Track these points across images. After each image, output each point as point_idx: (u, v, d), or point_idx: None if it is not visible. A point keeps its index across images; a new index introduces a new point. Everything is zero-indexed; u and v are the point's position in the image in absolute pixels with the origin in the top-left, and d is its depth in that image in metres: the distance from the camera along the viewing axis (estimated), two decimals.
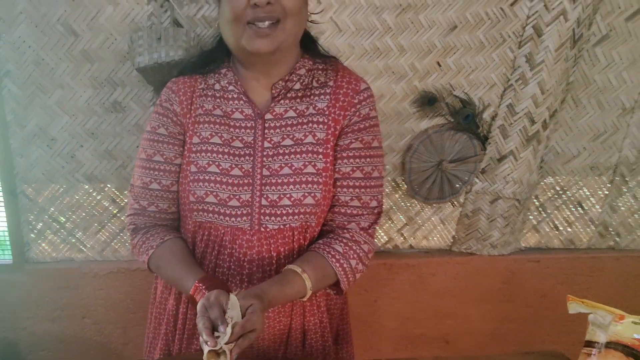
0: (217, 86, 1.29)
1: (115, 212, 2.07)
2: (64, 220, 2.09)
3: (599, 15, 1.87)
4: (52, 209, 2.06)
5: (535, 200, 2.23)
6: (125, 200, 2.04)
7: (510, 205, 2.13)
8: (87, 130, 1.92)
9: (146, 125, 1.34)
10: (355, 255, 1.28)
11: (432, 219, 2.23)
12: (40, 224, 2.08)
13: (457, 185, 2.13)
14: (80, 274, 2.13)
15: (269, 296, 1.11)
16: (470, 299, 2.32)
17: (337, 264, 1.25)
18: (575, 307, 1.15)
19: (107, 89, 1.86)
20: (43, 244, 2.12)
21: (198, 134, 1.27)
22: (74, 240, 2.12)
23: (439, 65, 1.91)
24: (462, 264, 2.28)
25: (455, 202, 2.20)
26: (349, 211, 1.30)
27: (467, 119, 1.99)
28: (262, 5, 1.11)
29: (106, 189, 2.04)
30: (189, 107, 1.28)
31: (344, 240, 1.28)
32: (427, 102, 1.96)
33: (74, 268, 2.13)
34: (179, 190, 1.31)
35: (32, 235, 2.09)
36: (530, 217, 2.27)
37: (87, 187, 2.03)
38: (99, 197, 2.05)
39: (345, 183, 1.28)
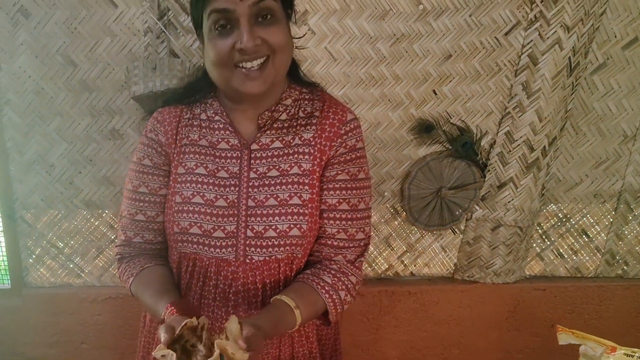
0: (203, 116, 1.32)
1: (113, 238, 2.15)
2: (62, 245, 2.17)
3: (595, 44, 1.94)
4: (51, 234, 2.15)
5: (538, 228, 2.28)
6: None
7: (512, 232, 2.18)
8: (86, 157, 2.02)
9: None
10: (343, 287, 1.30)
11: (433, 246, 2.28)
12: (39, 249, 2.17)
13: (457, 212, 2.19)
14: (78, 299, 2.21)
15: (264, 330, 1.12)
16: (476, 327, 2.35)
17: (327, 295, 1.27)
18: (565, 337, 1.16)
19: (105, 117, 1.96)
20: (41, 269, 2.20)
21: (183, 164, 1.29)
22: (72, 266, 2.20)
23: (435, 94, 1.99)
24: (465, 292, 2.32)
25: (456, 229, 2.25)
26: (335, 243, 1.32)
27: (465, 146, 2.06)
28: (249, 50, 1.13)
29: (104, 214, 2.13)
30: (174, 137, 1.30)
31: (332, 272, 1.30)
32: (425, 129, 2.03)
33: (71, 293, 2.21)
34: (164, 221, 1.34)
35: (30, 260, 2.18)
36: (534, 244, 2.31)
37: (85, 212, 2.12)
38: (97, 223, 2.14)
39: (331, 215, 1.30)
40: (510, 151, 2.05)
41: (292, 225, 1.25)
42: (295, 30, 1.23)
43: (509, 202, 2.12)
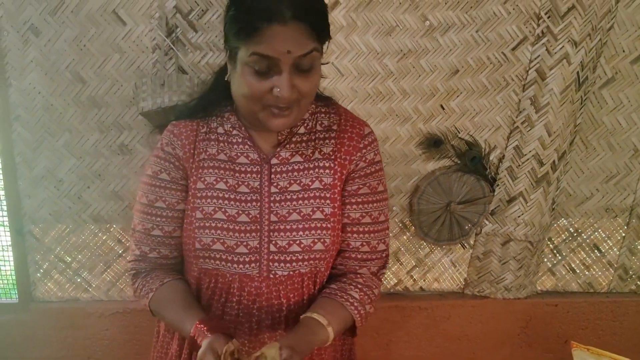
0: (220, 130, 1.34)
1: (120, 252, 2.21)
2: (70, 259, 2.23)
3: (603, 58, 1.99)
4: (59, 248, 2.21)
5: (549, 243, 2.32)
6: (129, 244, 2.19)
7: (522, 247, 2.22)
8: (94, 172, 2.08)
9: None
10: (369, 300, 1.36)
11: (443, 260, 2.32)
12: (47, 264, 2.23)
13: (467, 227, 2.23)
14: (86, 313, 2.26)
15: (300, 351, 1.14)
16: (488, 343, 2.39)
17: (356, 311, 1.33)
18: (580, 354, 1.19)
19: (114, 132, 2.03)
20: (49, 284, 2.26)
21: (202, 179, 1.31)
22: (79, 280, 2.26)
23: (443, 108, 2.04)
24: (476, 307, 2.35)
25: (466, 244, 2.29)
26: (359, 256, 1.38)
27: (473, 160, 2.11)
28: (284, 98, 1.16)
29: (112, 229, 2.19)
30: (192, 151, 1.32)
31: (359, 286, 1.36)
32: (433, 144, 2.09)
33: (79, 308, 2.26)
34: (182, 236, 1.36)
35: (38, 274, 2.24)
36: (545, 259, 2.35)
37: (93, 227, 2.18)
38: (104, 238, 2.20)
39: (355, 229, 1.36)
40: (519, 165, 2.10)
41: (316, 240, 1.29)
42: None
43: (519, 216, 2.17)
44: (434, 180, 2.14)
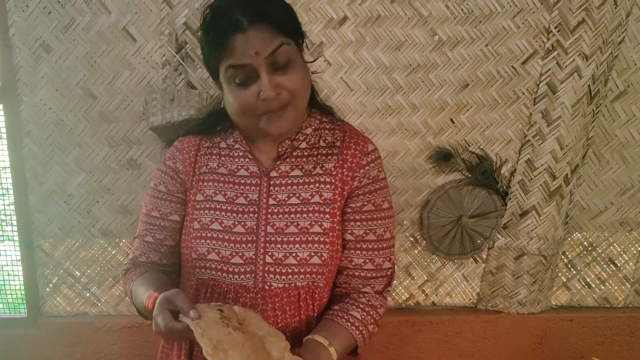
0: (222, 144, 1.44)
1: None
2: (79, 274, 2.33)
3: (614, 71, 2.06)
4: (68, 263, 2.30)
5: (563, 257, 2.37)
6: None
7: (536, 261, 2.27)
8: (104, 186, 2.18)
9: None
10: (372, 320, 1.42)
11: (455, 275, 2.38)
12: (56, 278, 2.32)
13: (479, 241, 2.29)
14: (94, 328, 2.35)
15: None
16: (502, 359, 2.44)
17: (357, 332, 1.38)
18: None
19: (123, 147, 2.13)
20: (58, 298, 2.36)
21: (202, 191, 1.41)
22: (88, 295, 2.35)
23: (453, 122, 2.12)
24: (489, 322, 2.40)
25: (478, 258, 2.35)
26: (363, 274, 1.44)
27: (484, 174, 2.18)
28: (272, 99, 1.23)
29: (121, 243, 2.28)
30: (193, 165, 1.43)
31: (361, 306, 1.42)
32: (443, 158, 2.16)
33: (87, 322, 2.35)
34: (180, 247, 1.45)
35: (47, 289, 2.34)
36: (559, 274, 2.40)
37: (102, 241, 2.27)
38: (113, 252, 2.29)
39: (358, 245, 1.41)
40: (531, 179, 2.17)
41: (312, 254, 1.35)
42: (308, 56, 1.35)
43: (531, 230, 2.23)
44: (444, 194, 2.21)
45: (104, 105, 2.08)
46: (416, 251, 2.35)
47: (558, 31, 1.99)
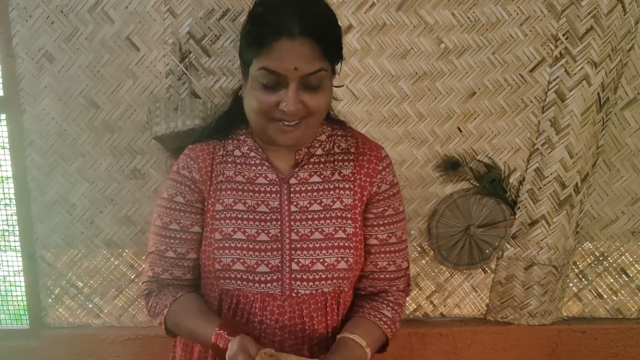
0: (237, 152, 1.45)
1: (133, 277, 2.34)
2: (81, 285, 2.36)
3: (624, 79, 2.10)
4: (70, 273, 2.34)
5: (574, 267, 2.40)
6: (143, 266, 2.30)
7: (546, 271, 2.30)
8: (107, 196, 2.22)
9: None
10: (399, 318, 1.51)
11: (463, 285, 2.42)
12: (58, 289, 2.36)
13: (488, 251, 2.32)
14: (97, 340, 2.38)
15: None
16: None
17: (389, 330, 1.47)
18: None
19: (127, 157, 2.17)
20: (60, 309, 2.39)
21: (221, 201, 1.41)
22: (91, 306, 2.38)
23: (460, 131, 2.16)
24: (499, 334, 2.43)
25: (487, 269, 2.38)
26: (388, 276, 1.52)
27: (492, 183, 2.21)
28: (291, 113, 1.26)
29: (124, 254, 2.31)
30: (209, 174, 1.43)
31: (391, 305, 1.50)
32: (451, 166, 2.20)
33: (90, 334, 2.38)
34: (200, 258, 1.45)
35: (49, 300, 2.37)
36: (570, 284, 2.43)
37: (105, 252, 2.31)
38: (117, 263, 2.32)
39: (382, 249, 1.49)
40: (540, 188, 2.20)
41: (339, 259, 1.40)
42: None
43: (541, 240, 2.26)
44: (452, 204, 2.24)
45: (107, 114, 2.12)
46: (424, 261, 2.38)
47: (566, 38, 2.02)
